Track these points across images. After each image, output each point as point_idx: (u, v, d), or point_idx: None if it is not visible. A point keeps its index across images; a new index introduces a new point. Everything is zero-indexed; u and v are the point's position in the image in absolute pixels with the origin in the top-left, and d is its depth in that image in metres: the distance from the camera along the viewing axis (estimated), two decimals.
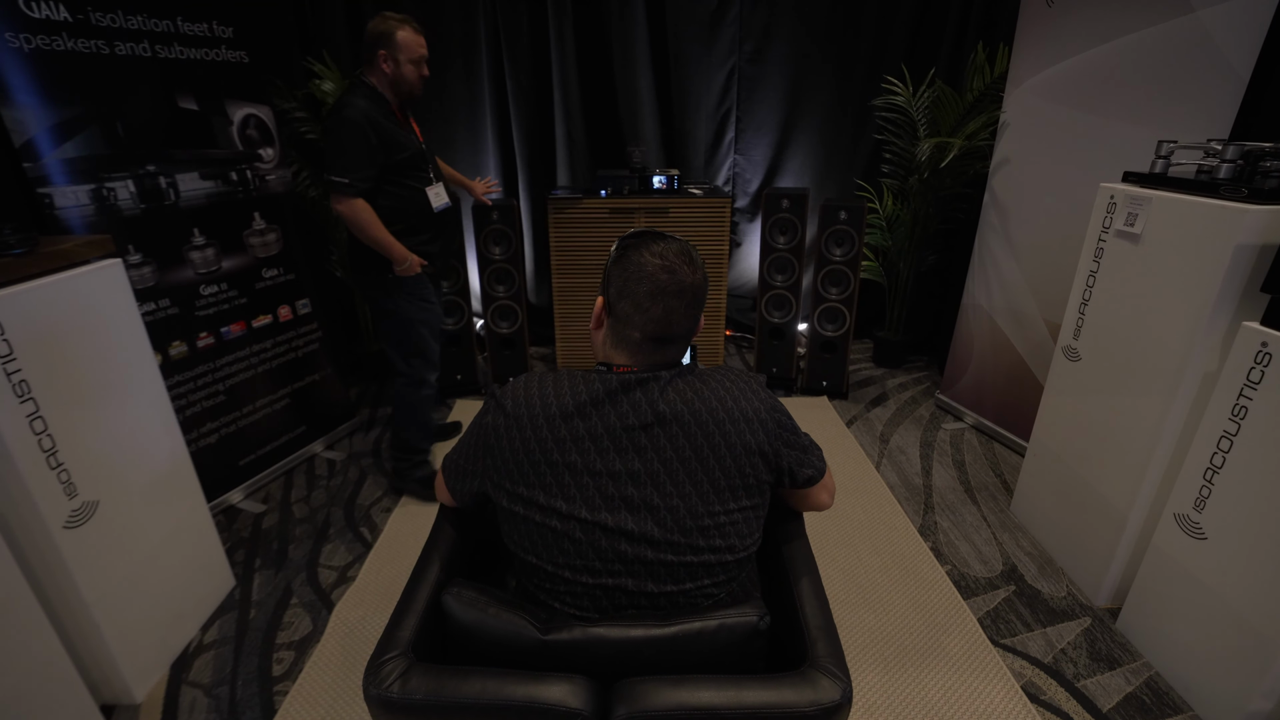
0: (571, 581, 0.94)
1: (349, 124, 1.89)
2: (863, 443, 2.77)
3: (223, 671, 1.67)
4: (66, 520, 1.39)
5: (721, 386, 0.97)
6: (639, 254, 0.95)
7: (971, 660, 1.68)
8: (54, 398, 1.36)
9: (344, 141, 1.90)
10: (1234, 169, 1.55)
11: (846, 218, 2.89)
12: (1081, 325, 1.94)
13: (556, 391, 0.95)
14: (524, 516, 0.95)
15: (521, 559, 0.98)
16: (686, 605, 0.95)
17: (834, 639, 0.92)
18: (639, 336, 0.96)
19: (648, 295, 0.93)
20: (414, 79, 2.02)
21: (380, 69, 1.97)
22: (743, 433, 0.94)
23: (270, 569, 2.05)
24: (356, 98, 1.93)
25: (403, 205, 2.07)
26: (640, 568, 0.93)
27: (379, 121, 1.94)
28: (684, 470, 0.92)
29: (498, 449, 0.96)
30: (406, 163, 2.04)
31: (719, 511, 0.94)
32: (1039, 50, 2.40)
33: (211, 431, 2.25)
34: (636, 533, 0.92)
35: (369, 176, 1.95)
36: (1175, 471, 1.64)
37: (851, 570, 2.02)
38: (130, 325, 1.59)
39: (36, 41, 1.70)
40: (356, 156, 1.90)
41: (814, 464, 1.06)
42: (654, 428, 0.92)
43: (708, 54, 3.37)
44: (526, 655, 0.88)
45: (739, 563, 0.98)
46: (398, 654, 0.85)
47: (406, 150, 2.03)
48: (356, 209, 1.94)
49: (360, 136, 1.90)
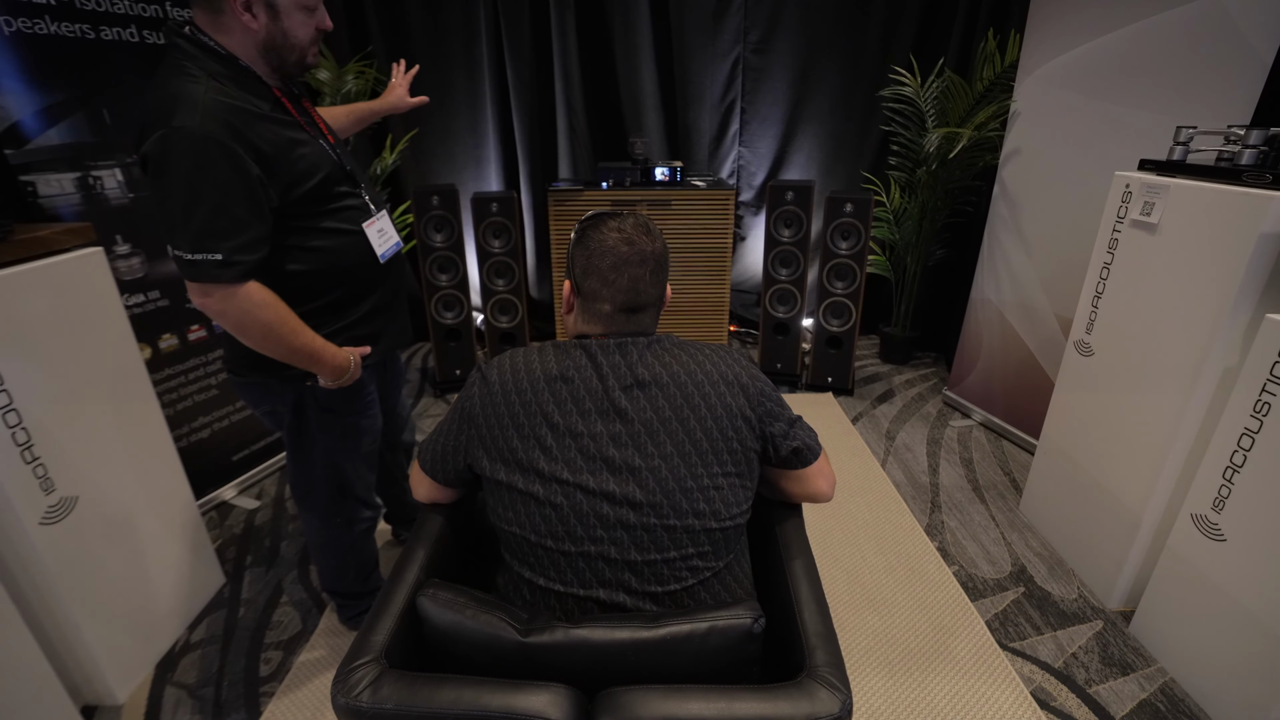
0: (553, 551, 0.93)
1: (193, 143, 1.03)
2: (868, 440, 2.71)
3: (209, 672, 1.63)
4: (43, 516, 1.34)
5: (700, 353, 1.00)
6: (597, 231, 0.98)
7: (979, 664, 1.63)
8: (30, 389, 1.31)
9: (186, 181, 1.04)
10: (1258, 155, 1.49)
11: (853, 210, 2.82)
12: (1094, 319, 1.87)
13: (541, 359, 0.98)
14: (507, 485, 0.95)
15: (506, 532, 0.97)
16: (670, 577, 0.92)
17: (834, 646, 0.87)
18: (609, 309, 0.98)
19: (611, 267, 0.96)
20: (306, 39, 1.18)
21: (237, 20, 1.11)
22: (723, 395, 0.95)
23: (261, 566, 2.01)
24: (194, 83, 1.06)
25: (327, 266, 1.24)
26: (622, 533, 0.91)
27: (255, 125, 1.10)
28: (665, 431, 0.92)
29: (481, 417, 0.97)
30: (318, 192, 1.21)
31: (702, 474, 0.93)
32: (1051, 37, 2.33)
33: (204, 426, 2.21)
34: (618, 494, 0.91)
35: (257, 240, 1.11)
36: (1192, 471, 1.57)
37: (855, 570, 1.96)
38: (113, 316, 1.55)
39: (18, 24, 1.66)
40: (221, 208, 1.06)
41: (802, 438, 1.04)
42: (633, 389, 0.94)
43: (712, 44, 3.31)
44: (506, 659, 0.83)
45: (724, 533, 0.96)
46: (369, 660, 0.81)
47: (316, 170, 1.20)
48: (244, 304, 1.11)
49: (221, 166, 1.05)
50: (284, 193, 1.16)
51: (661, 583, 0.92)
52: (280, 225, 1.17)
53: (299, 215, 1.20)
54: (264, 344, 1.18)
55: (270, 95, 1.18)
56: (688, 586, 0.94)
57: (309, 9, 1.17)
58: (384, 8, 3.19)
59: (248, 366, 1.30)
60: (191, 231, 1.06)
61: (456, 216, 2.83)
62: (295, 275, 1.22)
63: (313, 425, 1.38)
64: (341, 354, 1.28)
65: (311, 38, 1.19)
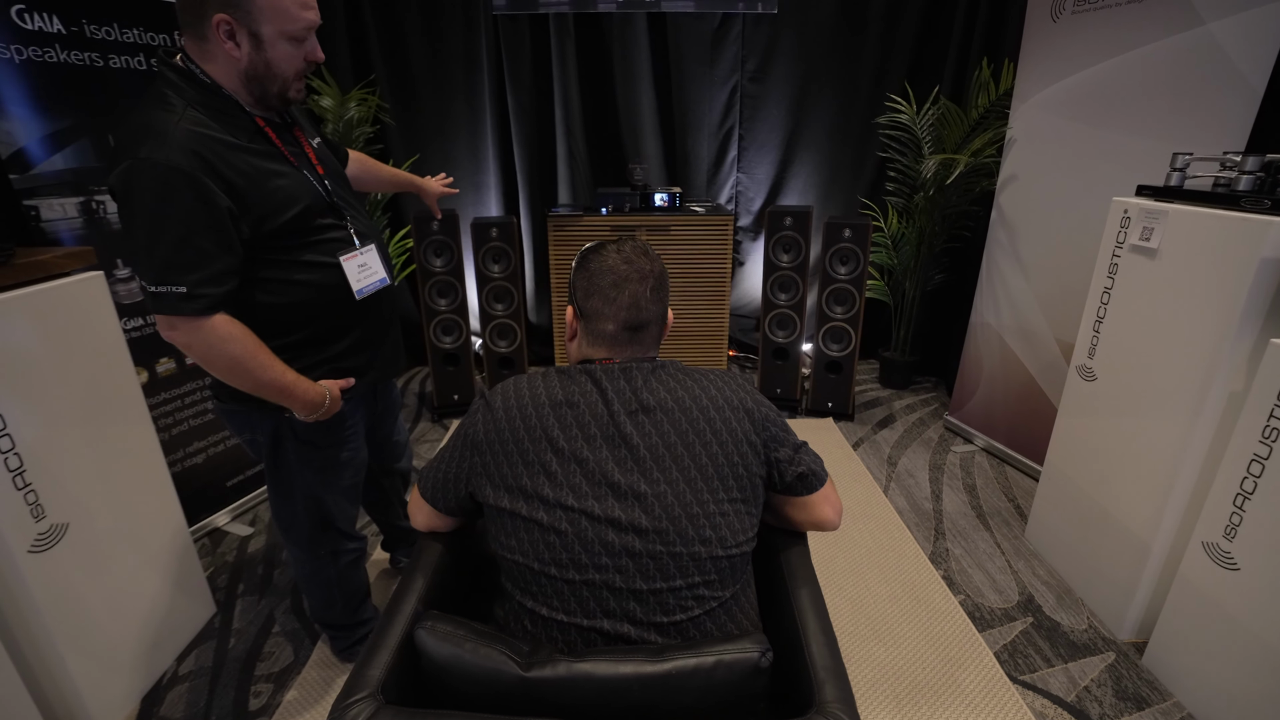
0: (557, 580, 0.90)
1: (156, 174, 1.02)
2: (870, 466, 2.68)
3: (196, 705, 1.58)
4: (32, 544, 1.31)
5: (705, 378, 1.00)
6: (596, 256, 1.01)
7: (989, 698, 1.58)
8: (24, 413, 1.29)
9: (149, 212, 1.03)
10: (1255, 181, 1.50)
11: (851, 236, 2.84)
12: (1096, 344, 1.87)
13: (546, 385, 0.97)
14: (510, 512, 0.92)
15: (508, 561, 0.94)
16: (676, 607, 0.90)
17: (843, 682, 0.84)
18: (613, 328, 0.99)
19: (612, 285, 0.97)
20: (292, 70, 1.14)
21: (220, 49, 1.08)
22: (728, 420, 0.95)
23: (253, 595, 1.96)
24: (169, 111, 1.06)
25: (297, 299, 1.20)
26: (628, 561, 0.89)
27: (227, 155, 1.08)
28: (670, 457, 0.92)
29: (485, 444, 0.96)
30: (297, 224, 1.17)
31: (708, 500, 0.92)
32: (1045, 66, 2.36)
33: (198, 451, 2.19)
34: (624, 520, 0.89)
35: (224, 271, 1.08)
36: (1201, 497, 1.55)
37: (860, 600, 1.92)
38: (111, 340, 1.53)
39: (29, 53, 1.68)
40: (187, 238, 1.04)
41: (807, 464, 1.02)
42: (639, 415, 0.93)
43: (710, 72, 3.36)
44: (506, 694, 0.80)
45: (730, 561, 0.94)
46: (365, 695, 0.78)
47: (291, 204, 1.16)
48: (210, 338, 1.09)
49: (184, 196, 1.03)
50: (257, 224, 1.12)
51: (667, 612, 0.90)
52: (254, 258, 1.14)
53: (275, 248, 1.17)
54: (230, 378, 1.15)
55: (251, 125, 1.15)
56: (694, 617, 0.91)
57: (297, 40, 1.12)
58: (386, 35, 3.24)
59: (228, 394, 1.25)
60: (155, 263, 1.04)
61: (456, 241, 2.83)
62: (270, 308, 1.19)
63: (290, 457, 1.34)
64: (315, 389, 1.23)
65: (298, 70, 1.16)
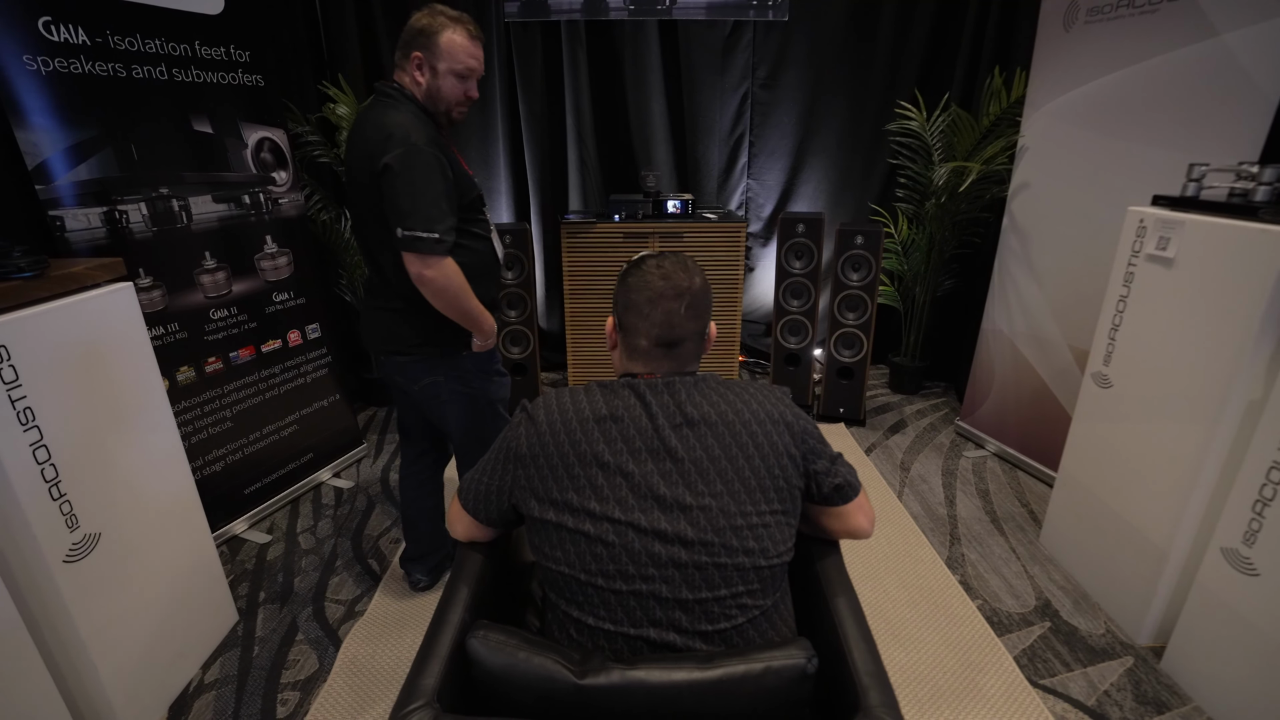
0: (604, 590, 0.92)
1: (422, 156, 1.40)
2: (883, 471, 2.70)
3: (224, 714, 1.59)
4: (66, 554, 1.32)
5: (745, 392, 1.00)
6: (636, 271, 1.02)
7: (1011, 702, 1.60)
8: (59, 426, 1.31)
9: (421, 180, 1.41)
10: (1272, 192, 1.52)
11: (863, 242, 2.86)
12: (1112, 351, 1.88)
13: (589, 399, 0.98)
14: (555, 524, 0.94)
15: (553, 572, 0.95)
16: (720, 615, 0.92)
17: (886, 686, 0.86)
18: (646, 344, 1.00)
19: (647, 301, 0.99)
20: (454, 98, 1.53)
21: (413, 76, 1.51)
22: (769, 434, 0.96)
23: (275, 603, 1.97)
24: (406, 116, 1.45)
25: (479, 260, 1.62)
26: (674, 571, 0.91)
27: (445, 150, 1.48)
28: (715, 470, 0.93)
29: (529, 457, 0.96)
30: (473, 204, 1.60)
31: (750, 512, 0.93)
32: (1058, 75, 2.39)
33: (217, 459, 2.20)
34: (670, 533, 0.90)
35: (454, 226, 1.48)
36: (1219, 504, 1.57)
37: (879, 605, 1.93)
38: (140, 351, 1.54)
39: (55, 64, 1.69)
40: (437, 200, 1.43)
41: (843, 475, 1.04)
42: (683, 428, 0.94)
43: (720, 79, 3.38)
44: (560, 702, 0.81)
45: (771, 571, 0.96)
46: (423, 704, 0.79)
47: (473, 188, 1.58)
48: (447, 271, 1.47)
49: (438, 172, 1.43)
50: (459, 198, 1.52)
51: (711, 621, 0.91)
52: None
53: (463, 219, 1.55)
54: (453, 304, 1.51)
55: (442, 132, 1.56)
56: (737, 625, 0.93)
57: (461, 76, 1.52)
58: None
59: (416, 343, 1.60)
60: (420, 214, 1.41)
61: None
62: (464, 265, 1.53)
63: (477, 381, 1.69)
64: (492, 319, 1.63)
65: (459, 99, 1.55)
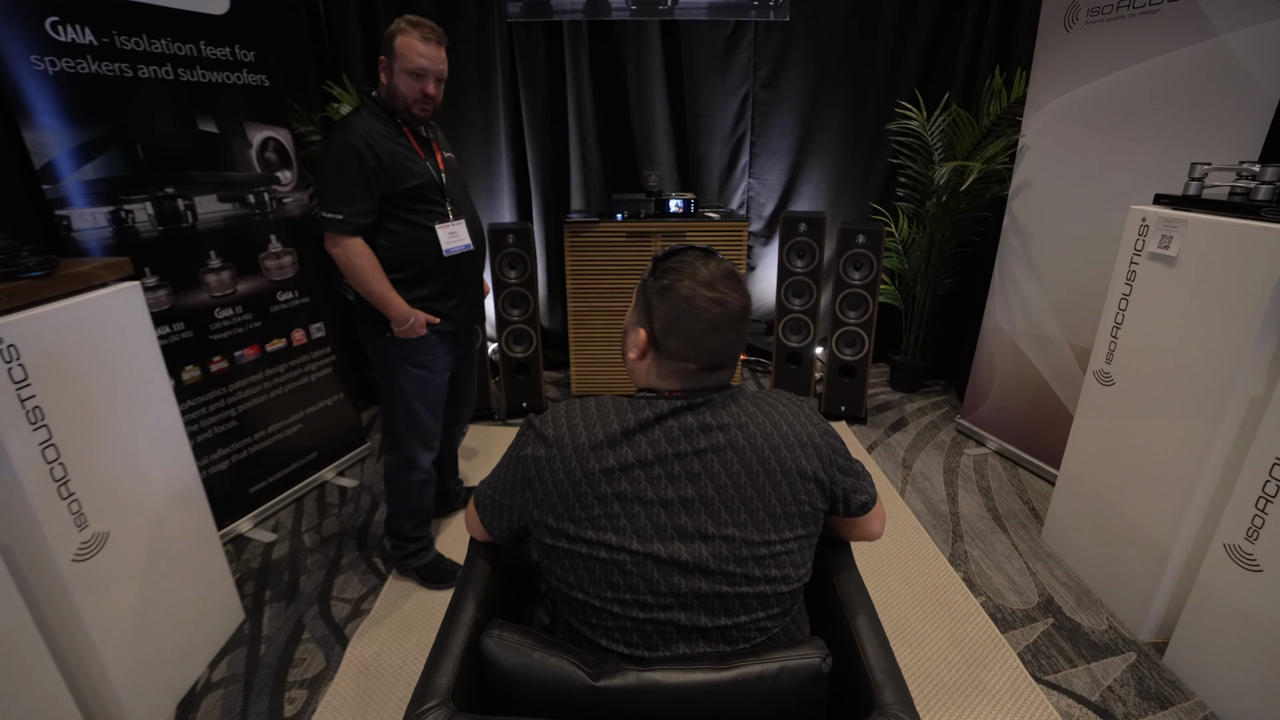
0: (621, 616, 0.89)
1: (338, 147, 1.61)
2: (885, 469, 2.71)
3: (232, 712, 1.60)
4: (75, 553, 1.33)
5: (775, 410, 0.95)
6: (686, 284, 0.89)
7: (1015, 698, 1.61)
8: (67, 425, 1.31)
9: (332, 168, 1.61)
10: (1274, 190, 1.53)
11: (865, 241, 2.87)
12: (1114, 349, 1.90)
13: (601, 418, 0.91)
14: (569, 550, 0.90)
15: (565, 594, 0.93)
16: (740, 639, 0.90)
17: (901, 684, 0.86)
18: (694, 369, 0.92)
19: (704, 332, 0.89)
20: (408, 95, 1.66)
21: (380, 78, 1.70)
22: (798, 458, 0.91)
23: (281, 601, 1.98)
24: (358, 116, 1.68)
25: (404, 247, 1.72)
26: (694, 600, 0.88)
27: (381, 143, 1.64)
28: (739, 498, 0.88)
29: (539, 482, 0.91)
30: (413, 193, 1.70)
31: (774, 541, 0.90)
32: (1058, 74, 2.40)
33: (222, 458, 2.20)
34: (691, 563, 0.87)
35: (367, 210, 1.64)
36: (1222, 500, 1.58)
37: (883, 602, 1.94)
38: (147, 350, 1.55)
39: (61, 64, 1.69)
40: (348, 186, 1.60)
41: (867, 490, 1.02)
42: (707, 453, 0.89)
43: (722, 79, 3.38)
44: (575, 702, 0.82)
45: (792, 594, 0.94)
46: (437, 704, 0.80)
47: (414, 178, 1.69)
48: (350, 251, 1.64)
49: (352, 161, 1.60)
50: (388, 187, 1.66)
51: (730, 643, 0.90)
52: (385, 211, 1.69)
53: (395, 207, 1.69)
54: (358, 281, 1.67)
55: (397, 127, 1.71)
56: (756, 645, 0.92)
57: (414, 75, 1.66)
58: None
59: (362, 313, 1.79)
60: (328, 198, 1.61)
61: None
62: (387, 249, 1.71)
63: (395, 364, 1.81)
64: (404, 307, 1.71)
65: (415, 96, 1.67)
